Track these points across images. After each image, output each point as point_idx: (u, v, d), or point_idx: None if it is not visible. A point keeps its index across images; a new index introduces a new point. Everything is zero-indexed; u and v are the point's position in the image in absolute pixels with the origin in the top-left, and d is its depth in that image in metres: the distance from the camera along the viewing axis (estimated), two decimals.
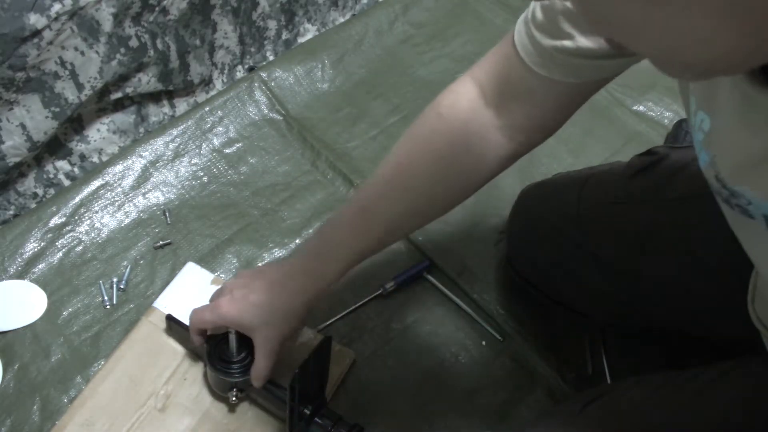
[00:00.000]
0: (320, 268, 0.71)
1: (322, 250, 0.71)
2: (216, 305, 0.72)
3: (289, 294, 0.71)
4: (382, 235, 0.71)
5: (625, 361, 0.91)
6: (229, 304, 0.71)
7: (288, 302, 0.71)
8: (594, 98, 1.17)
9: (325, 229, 0.72)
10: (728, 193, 0.47)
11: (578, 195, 0.83)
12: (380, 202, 0.69)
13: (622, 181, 0.81)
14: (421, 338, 0.93)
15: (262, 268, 0.75)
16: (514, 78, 0.63)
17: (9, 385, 0.85)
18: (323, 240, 0.72)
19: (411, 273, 0.96)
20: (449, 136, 0.66)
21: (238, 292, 0.72)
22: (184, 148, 1.07)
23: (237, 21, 1.12)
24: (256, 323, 0.71)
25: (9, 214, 0.99)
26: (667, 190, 0.76)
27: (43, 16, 0.81)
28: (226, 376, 0.76)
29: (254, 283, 0.72)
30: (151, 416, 0.80)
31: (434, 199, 0.70)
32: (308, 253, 0.72)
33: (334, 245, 0.70)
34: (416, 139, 0.68)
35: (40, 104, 0.89)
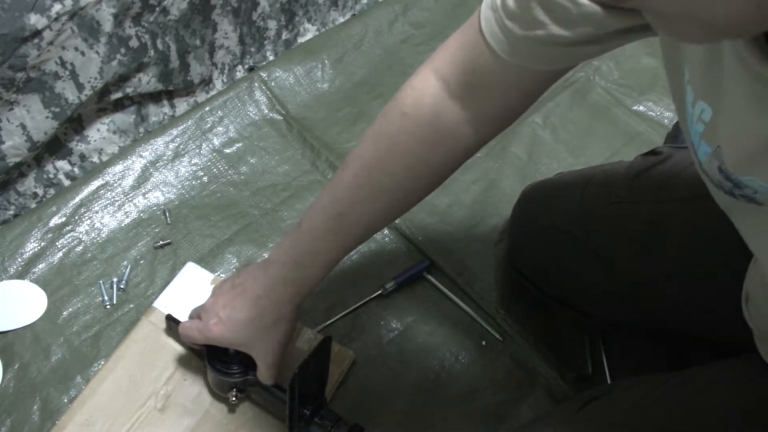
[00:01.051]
0: (302, 275, 0.71)
1: (301, 258, 0.70)
2: (205, 328, 0.72)
3: (276, 304, 0.71)
4: (360, 235, 0.71)
5: (625, 361, 0.91)
6: (218, 326, 0.71)
7: (276, 312, 0.71)
8: (594, 98, 1.19)
9: (300, 238, 0.71)
10: (732, 185, 0.46)
11: (580, 194, 0.83)
12: (356, 207, 0.68)
13: (624, 180, 0.81)
14: (421, 338, 0.93)
15: (240, 282, 0.73)
16: (480, 68, 0.60)
17: (9, 385, 0.85)
18: (301, 248, 0.71)
19: (411, 273, 0.96)
20: (417, 135, 0.65)
21: (224, 312, 0.71)
22: (184, 148, 1.07)
23: (237, 21, 1.12)
24: (249, 340, 0.72)
25: (9, 214, 0.99)
26: (670, 190, 0.76)
27: (44, 16, 0.81)
28: (225, 376, 0.76)
29: (236, 301, 0.71)
30: (151, 416, 0.80)
31: (407, 195, 0.70)
32: (287, 263, 0.71)
33: (314, 253, 0.70)
34: (383, 140, 0.67)
35: (40, 104, 0.89)
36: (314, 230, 0.69)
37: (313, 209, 0.70)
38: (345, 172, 0.69)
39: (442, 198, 1.05)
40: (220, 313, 0.71)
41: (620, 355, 0.92)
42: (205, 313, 0.74)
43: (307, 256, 0.70)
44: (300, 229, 0.70)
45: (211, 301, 0.74)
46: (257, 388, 0.78)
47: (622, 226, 0.79)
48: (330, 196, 0.69)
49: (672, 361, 0.90)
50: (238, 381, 0.76)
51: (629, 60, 1.24)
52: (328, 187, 0.70)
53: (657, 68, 1.24)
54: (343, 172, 0.69)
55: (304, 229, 0.70)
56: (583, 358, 0.92)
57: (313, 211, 0.70)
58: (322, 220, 0.69)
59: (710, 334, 0.79)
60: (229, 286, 0.74)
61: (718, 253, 0.70)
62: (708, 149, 0.47)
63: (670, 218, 0.75)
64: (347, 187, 0.68)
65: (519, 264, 0.92)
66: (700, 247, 0.73)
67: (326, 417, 0.75)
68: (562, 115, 1.16)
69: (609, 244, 0.79)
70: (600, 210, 0.81)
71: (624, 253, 0.78)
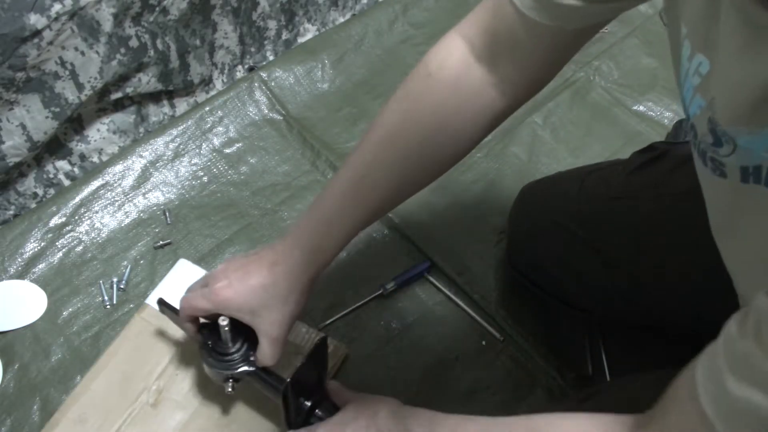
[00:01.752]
0: (321, 243, 0.67)
1: (320, 225, 0.67)
2: (212, 292, 0.67)
3: (291, 272, 0.66)
4: (379, 205, 0.68)
5: (625, 361, 0.91)
6: (227, 290, 0.66)
7: (291, 280, 0.67)
8: (594, 98, 1.19)
9: (320, 204, 0.67)
10: (712, 140, 0.45)
11: (578, 190, 0.83)
12: (378, 172, 0.65)
13: (622, 176, 0.81)
14: (421, 338, 0.93)
15: (255, 251, 0.69)
16: (507, 28, 0.60)
17: (9, 385, 0.85)
18: (321, 215, 0.67)
19: (411, 274, 0.96)
20: (441, 96, 0.64)
21: (235, 276, 0.66)
22: (184, 148, 1.07)
23: (237, 21, 1.12)
24: (259, 308, 0.66)
25: (9, 214, 0.99)
26: (668, 185, 0.76)
27: (43, 16, 0.81)
28: (221, 368, 0.72)
29: (251, 266, 0.67)
30: (144, 412, 0.80)
31: (429, 163, 0.67)
32: (306, 230, 0.67)
33: (334, 219, 0.66)
34: (407, 102, 0.65)
35: (40, 104, 0.89)
36: (334, 197, 0.66)
37: (336, 178, 0.67)
38: (370, 136, 0.66)
39: (442, 198, 1.05)
40: (230, 276, 0.67)
41: (620, 355, 0.91)
42: (212, 278, 0.69)
43: (325, 224, 0.66)
44: (320, 198, 0.68)
45: (221, 268, 0.69)
46: (255, 379, 0.73)
47: (621, 222, 0.79)
48: (353, 162, 0.66)
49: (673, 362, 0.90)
50: (234, 372, 0.72)
51: (629, 60, 1.24)
52: (352, 155, 0.66)
53: (657, 68, 1.24)
54: (368, 137, 0.66)
55: (324, 197, 0.67)
56: (583, 358, 0.92)
57: (335, 179, 0.67)
58: (343, 186, 0.66)
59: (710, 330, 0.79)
60: (242, 255, 0.70)
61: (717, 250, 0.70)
62: (702, 102, 0.47)
63: (668, 213, 0.75)
64: (369, 148, 0.65)
65: (518, 262, 0.92)
66: (699, 242, 0.72)
67: (327, 410, 0.73)
68: (562, 115, 1.16)
69: (607, 240, 0.79)
70: (598, 205, 0.81)
71: (623, 249, 0.78)
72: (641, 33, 1.29)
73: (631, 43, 1.27)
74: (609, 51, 1.25)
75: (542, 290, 0.89)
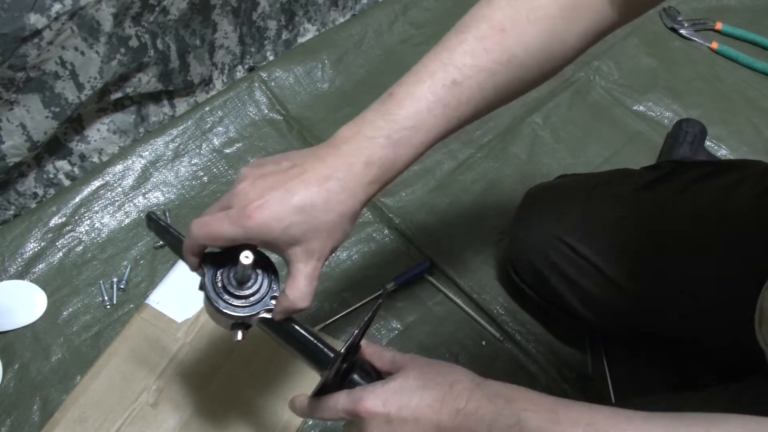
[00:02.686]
0: (393, 155, 0.56)
1: (396, 134, 0.55)
2: (243, 214, 0.52)
3: (350, 189, 0.54)
4: (471, 113, 0.58)
5: (625, 361, 0.91)
6: (262, 210, 0.52)
7: (347, 200, 0.54)
8: (594, 98, 1.19)
9: (396, 109, 0.56)
10: None
11: (583, 206, 0.82)
12: (478, 75, 0.56)
13: (628, 194, 0.80)
14: (421, 338, 0.93)
15: (292, 162, 0.55)
16: None
17: (9, 385, 0.85)
18: (397, 122, 0.55)
19: (411, 274, 0.96)
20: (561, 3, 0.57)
21: (271, 195, 0.52)
22: (184, 148, 1.07)
23: (237, 21, 1.12)
24: (302, 234, 0.53)
25: (9, 214, 0.99)
26: (674, 207, 0.75)
27: (43, 16, 0.81)
28: (233, 311, 0.57)
29: (291, 182, 0.53)
30: (144, 411, 0.81)
31: (532, 72, 0.59)
32: (375, 139, 0.55)
33: (413, 128, 0.55)
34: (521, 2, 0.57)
35: (40, 104, 0.89)
36: (417, 101, 0.55)
37: (415, 76, 0.56)
38: (464, 34, 0.56)
39: (442, 198, 1.05)
40: (265, 195, 0.52)
41: (621, 355, 0.92)
42: (238, 196, 0.54)
43: (403, 131, 0.55)
44: (394, 99, 0.56)
45: (247, 182, 0.54)
46: (273, 328, 0.58)
47: (624, 243, 0.78)
48: (441, 60, 0.56)
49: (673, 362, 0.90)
50: (248, 316, 0.57)
51: (629, 60, 1.24)
52: (436, 51, 0.57)
53: (657, 68, 1.24)
54: (461, 34, 0.56)
55: (400, 99, 0.56)
56: (583, 358, 0.92)
57: (415, 78, 0.56)
58: (429, 88, 0.55)
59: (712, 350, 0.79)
60: (273, 166, 0.55)
61: (721, 275, 0.70)
62: None
63: (671, 237, 0.74)
64: (470, 51, 0.55)
65: (519, 270, 0.91)
66: (703, 267, 0.72)
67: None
68: (562, 115, 1.16)
69: (610, 260, 0.79)
70: (602, 224, 0.80)
71: (625, 269, 0.78)
72: (641, 33, 1.29)
73: (631, 43, 1.27)
74: (609, 51, 1.25)
75: (542, 299, 0.89)
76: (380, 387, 0.55)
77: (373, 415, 0.53)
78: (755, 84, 1.23)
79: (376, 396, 0.54)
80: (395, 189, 1.05)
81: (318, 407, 0.57)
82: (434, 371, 0.56)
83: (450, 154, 1.10)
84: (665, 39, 1.29)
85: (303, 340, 0.58)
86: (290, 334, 0.58)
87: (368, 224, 1.02)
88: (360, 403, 0.54)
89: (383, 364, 0.60)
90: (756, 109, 1.20)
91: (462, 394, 0.53)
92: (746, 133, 1.17)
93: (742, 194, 0.72)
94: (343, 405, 0.55)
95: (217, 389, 0.83)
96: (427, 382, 0.54)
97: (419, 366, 0.56)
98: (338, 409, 0.55)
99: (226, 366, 0.84)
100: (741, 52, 1.26)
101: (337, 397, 0.56)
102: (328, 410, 0.57)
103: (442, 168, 1.08)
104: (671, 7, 1.32)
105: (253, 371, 0.84)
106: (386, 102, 0.56)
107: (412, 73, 0.57)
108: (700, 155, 1.10)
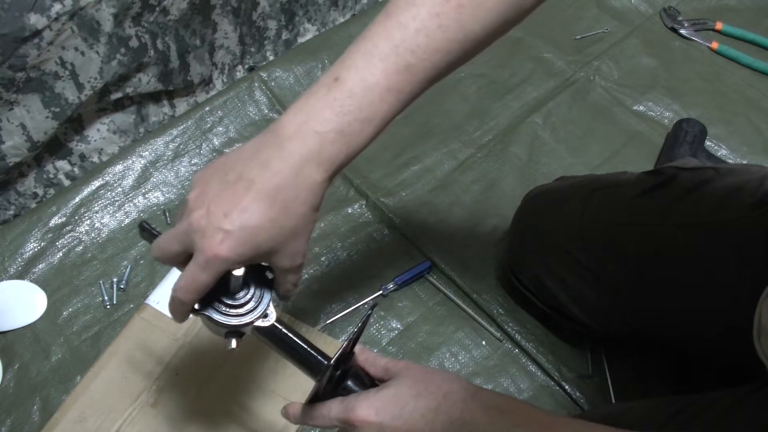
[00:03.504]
0: (347, 146, 0.52)
1: (348, 126, 0.51)
2: (210, 255, 0.50)
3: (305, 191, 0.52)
4: (417, 95, 0.54)
5: (625, 360, 0.91)
6: (227, 243, 0.50)
7: (306, 201, 0.52)
8: (594, 98, 1.19)
9: (346, 99, 0.51)
10: None
11: (582, 212, 0.81)
12: (433, 58, 0.52)
13: (626, 201, 0.79)
14: (421, 338, 0.93)
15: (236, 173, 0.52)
16: None
17: (9, 385, 0.85)
18: (349, 112, 0.51)
19: (411, 274, 0.96)
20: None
21: (229, 222, 0.50)
22: (184, 148, 1.07)
23: (237, 21, 1.12)
24: (274, 247, 0.52)
25: (9, 214, 0.99)
26: (673, 215, 0.75)
27: (43, 16, 0.81)
28: (228, 320, 0.57)
29: (242, 202, 0.50)
30: (144, 411, 0.80)
31: (485, 45, 0.56)
32: (325, 133, 0.51)
33: (368, 119, 0.52)
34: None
35: (40, 104, 0.89)
36: (369, 90, 0.51)
37: (365, 59, 0.51)
38: (417, 8, 0.51)
39: (442, 198, 1.05)
40: (224, 225, 0.50)
41: (621, 355, 0.92)
42: (197, 234, 0.51)
43: (355, 123, 0.51)
44: (343, 87, 0.51)
45: (201, 215, 0.51)
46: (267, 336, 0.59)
47: (623, 249, 0.77)
48: (393, 42, 0.51)
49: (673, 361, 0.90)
50: (241, 325, 0.57)
51: (629, 60, 1.24)
52: (386, 27, 0.52)
53: (657, 68, 1.24)
54: (413, 8, 0.51)
55: (350, 87, 0.51)
56: (583, 358, 0.92)
57: (365, 60, 0.51)
58: (383, 73, 0.51)
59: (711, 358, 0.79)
60: (218, 182, 0.52)
61: (720, 283, 0.70)
62: None
63: (671, 244, 0.74)
64: (423, 29, 0.51)
65: (518, 273, 0.91)
66: (702, 275, 0.72)
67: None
68: (562, 115, 1.16)
69: (609, 267, 0.78)
70: (601, 231, 0.79)
71: (624, 276, 0.77)
72: (641, 33, 1.29)
73: (631, 43, 1.27)
74: (609, 51, 1.25)
75: (541, 302, 0.89)
76: (373, 395, 0.54)
77: (365, 424, 0.53)
78: (755, 84, 1.23)
79: (369, 405, 0.53)
80: (395, 189, 1.05)
81: (311, 415, 0.57)
82: (428, 379, 0.55)
83: (450, 154, 1.10)
84: (665, 39, 1.29)
85: (296, 347, 0.58)
86: (283, 341, 0.58)
87: (368, 224, 1.02)
88: (352, 412, 0.53)
89: (377, 371, 0.59)
90: (756, 109, 1.20)
91: (456, 404, 0.52)
92: (746, 133, 1.17)
93: (740, 201, 0.71)
94: (336, 413, 0.55)
95: (217, 389, 0.83)
96: (420, 390, 0.53)
97: (413, 374, 0.55)
98: (331, 417, 0.55)
99: (226, 366, 0.84)
100: (741, 52, 1.26)
101: (330, 405, 0.56)
102: (321, 418, 0.56)
103: (442, 168, 1.09)
104: (671, 7, 1.32)
105: (253, 371, 0.84)
106: (333, 89, 0.52)
107: (359, 53, 0.51)
108: (700, 155, 1.10)
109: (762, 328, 0.61)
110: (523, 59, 1.22)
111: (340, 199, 1.03)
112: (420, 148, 1.10)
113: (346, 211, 1.03)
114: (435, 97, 1.16)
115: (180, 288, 0.53)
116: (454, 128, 1.13)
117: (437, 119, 1.14)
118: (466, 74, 1.19)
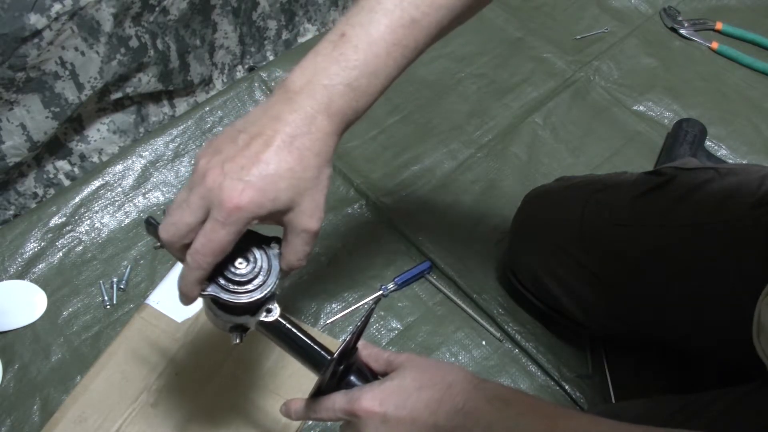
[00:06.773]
0: (355, 100, 0.53)
1: (356, 81, 0.52)
2: (231, 207, 0.48)
3: (320, 141, 0.52)
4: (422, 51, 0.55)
5: (625, 360, 0.91)
6: (248, 192, 0.49)
7: (321, 152, 0.52)
8: (594, 98, 1.19)
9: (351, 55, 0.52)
10: None
11: (582, 212, 0.81)
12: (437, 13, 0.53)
13: (626, 201, 0.79)
14: (421, 338, 0.93)
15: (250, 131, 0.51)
16: None
17: (9, 385, 0.85)
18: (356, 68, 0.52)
19: (411, 274, 0.96)
20: None
21: (247, 173, 0.49)
22: (184, 148, 1.07)
23: (237, 21, 1.12)
24: (295, 197, 0.51)
25: (9, 214, 0.99)
26: (672, 216, 0.75)
27: (43, 16, 0.81)
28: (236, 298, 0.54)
29: (260, 154, 0.50)
30: (144, 411, 0.80)
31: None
32: (333, 87, 0.52)
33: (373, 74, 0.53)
34: None
35: (40, 104, 0.89)
36: (375, 44, 0.52)
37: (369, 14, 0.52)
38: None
39: (442, 198, 1.05)
40: (242, 176, 0.49)
41: (621, 355, 0.92)
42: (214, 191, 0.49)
43: (362, 78, 0.52)
44: (349, 43, 0.52)
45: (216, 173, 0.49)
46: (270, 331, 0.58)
47: (623, 251, 0.77)
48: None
49: (672, 361, 0.90)
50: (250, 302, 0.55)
51: (629, 60, 1.24)
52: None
53: (657, 68, 1.24)
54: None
55: (356, 43, 0.52)
56: (583, 358, 0.92)
57: (369, 15, 0.52)
58: (388, 28, 0.52)
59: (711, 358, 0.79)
60: (231, 146, 0.51)
61: (720, 284, 0.70)
62: None
63: (671, 245, 0.74)
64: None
65: (518, 273, 0.91)
66: (701, 275, 0.72)
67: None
68: (562, 115, 1.16)
69: (609, 268, 0.78)
70: (601, 232, 0.79)
71: (624, 278, 0.78)
72: (641, 33, 1.29)
73: (631, 43, 1.27)
74: (609, 51, 1.25)
75: (540, 302, 0.89)
76: (377, 386, 0.54)
77: (369, 415, 0.53)
78: (755, 84, 1.23)
79: (373, 395, 0.53)
80: (395, 189, 1.05)
81: (315, 408, 0.58)
82: (432, 371, 0.55)
83: (450, 154, 1.10)
84: (665, 39, 1.29)
85: (299, 342, 0.58)
86: (287, 336, 0.58)
87: (368, 224, 1.02)
88: (356, 402, 0.53)
89: (380, 365, 0.60)
90: (756, 109, 1.20)
91: (460, 395, 0.52)
92: (746, 133, 1.17)
93: (740, 201, 0.71)
94: (340, 405, 0.55)
95: (217, 389, 0.83)
96: (424, 382, 0.54)
97: (416, 366, 0.56)
98: (335, 409, 0.56)
99: (226, 366, 0.84)
100: (741, 52, 1.26)
101: (334, 397, 0.56)
102: (325, 411, 0.57)
103: (442, 168, 1.09)
104: (671, 7, 1.32)
105: (253, 371, 0.84)
106: (339, 45, 0.52)
107: (364, 9, 0.52)
108: (700, 155, 1.10)
109: (761, 327, 0.61)
110: (523, 59, 1.22)
111: (340, 199, 1.03)
112: (420, 148, 1.10)
113: (346, 211, 1.03)
114: (435, 97, 1.17)
115: (196, 251, 0.50)
116: (454, 128, 1.13)
117: (437, 119, 1.14)
118: (466, 74, 1.19)
